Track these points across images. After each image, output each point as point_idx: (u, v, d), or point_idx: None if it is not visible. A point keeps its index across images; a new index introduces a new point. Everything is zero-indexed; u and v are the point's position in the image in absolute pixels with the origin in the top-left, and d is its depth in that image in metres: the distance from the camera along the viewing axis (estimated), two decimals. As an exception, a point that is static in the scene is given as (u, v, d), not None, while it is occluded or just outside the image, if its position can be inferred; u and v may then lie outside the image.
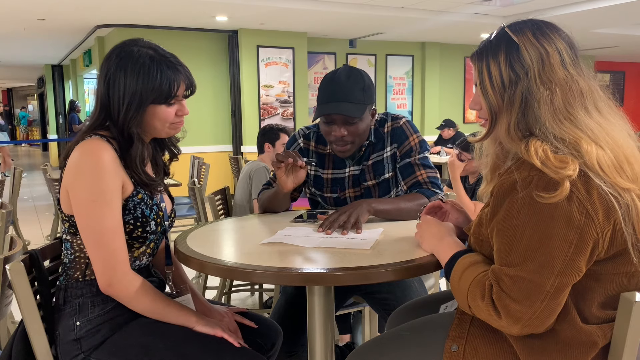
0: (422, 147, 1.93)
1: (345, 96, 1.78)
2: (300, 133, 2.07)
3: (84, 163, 1.31)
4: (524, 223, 1.04)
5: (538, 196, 1.02)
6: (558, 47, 1.13)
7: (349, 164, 1.97)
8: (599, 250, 1.04)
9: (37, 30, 7.74)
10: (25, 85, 21.32)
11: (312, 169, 2.03)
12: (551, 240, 1.02)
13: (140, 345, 1.33)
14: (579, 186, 1.02)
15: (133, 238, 1.39)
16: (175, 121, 1.42)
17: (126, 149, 1.37)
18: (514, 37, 1.15)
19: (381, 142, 1.95)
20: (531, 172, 1.05)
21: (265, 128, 3.70)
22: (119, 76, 1.35)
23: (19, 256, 1.39)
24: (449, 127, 7.31)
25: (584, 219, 1.01)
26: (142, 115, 1.37)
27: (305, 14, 6.77)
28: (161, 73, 1.36)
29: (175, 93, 1.39)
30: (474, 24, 7.69)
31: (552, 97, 1.10)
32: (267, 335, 1.57)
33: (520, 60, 1.12)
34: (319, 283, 1.36)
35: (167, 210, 1.53)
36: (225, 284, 3.05)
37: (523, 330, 1.05)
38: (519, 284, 1.03)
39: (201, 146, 7.82)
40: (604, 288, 1.09)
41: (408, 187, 1.90)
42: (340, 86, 1.80)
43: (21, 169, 4.79)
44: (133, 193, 1.38)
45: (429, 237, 1.34)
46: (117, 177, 1.33)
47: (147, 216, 1.41)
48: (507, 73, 1.13)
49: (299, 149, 2.04)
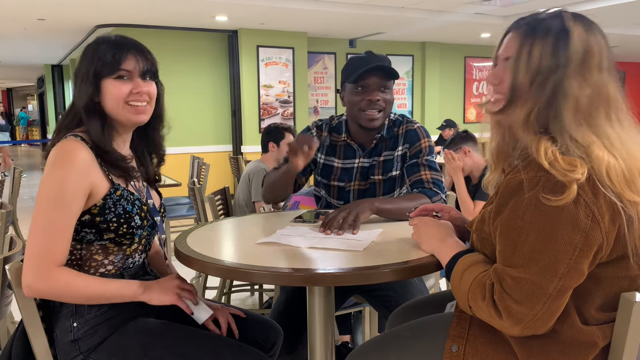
0: (431, 151, 2.02)
1: (381, 61, 1.95)
2: (313, 124, 2.14)
3: (55, 161, 1.31)
4: (529, 224, 1.03)
5: (544, 198, 1.01)
6: (600, 48, 1.10)
7: (359, 155, 2.04)
8: (602, 254, 1.03)
9: (37, 30, 7.73)
10: (25, 85, 21.32)
11: (322, 157, 2.08)
12: (556, 243, 1.01)
13: (139, 345, 1.33)
14: (587, 189, 1.01)
15: (120, 235, 1.38)
16: (131, 100, 1.38)
17: (92, 126, 1.36)
18: (568, 25, 1.10)
19: (394, 141, 2.04)
20: (538, 172, 1.04)
21: (270, 127, 3.59)
22: (82, 58, 1.40)
23: (19, 256, 1.39)
24: (450, 128, 7.30)
25: (590, 223, 1.00)
26: (97, 89, 1.37)
27: (305, 14, 6.77)
28: (107, 46, 1.38)
29: (120, 65, 1.36)
30: (474, 24, 7.69)
31: (581, 96, 1.07)
32: (267, 335, 1.57)
33: (565, 50, 1.08)
34: (319, 283, 1.36)
35: (156, 205, 1.52)
36: (225, 284, 3.04)
37: (524, 332, 1.04)
38: (521, 285, 1.02)
39: (201, 146, 7.82)
40: (604, 291, 1.09)
41: (411, 183, 1.96)
42: (372, 55, 1.98)
43: (21, 169, 4.79)
44: (111, 191, 1.37)
45: (429, 238, 1.33)
46: (84, 180, 1.31)
47: (130, 211, 1.39)
48: (548, 59, 1.09)
49: None
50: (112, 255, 1.40)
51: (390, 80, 1.96)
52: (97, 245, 1.37)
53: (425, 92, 9.69)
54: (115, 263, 1.41)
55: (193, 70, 7.77)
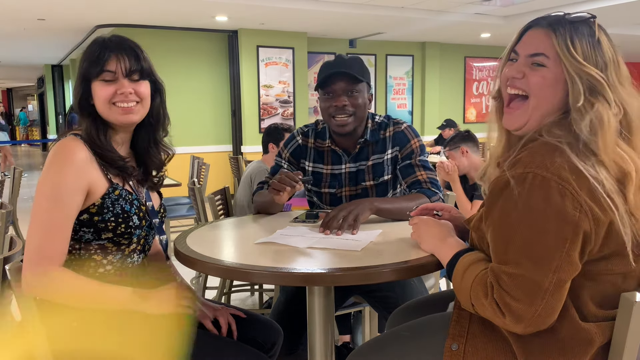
0: (422, 151, 2.00)
1: (346, 67, 1.91)
2: (298, 131, 2.11)
3: (53, 159, 1.32)
4: (518, 221, 1.04)
5: (532, 193, 1.02)
6: (622, 62, 1.12)
7: (345, 160, 2.01)
8: (591, 245, 1.04)
9: (37, 30, 7.73)
10: (25, 85, 21.31)
11: (310, 165, 2.06)
12: (546, 236, 1.01)
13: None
14: (571, 181, 1.02)
15: (118, 235, 1.38)
16: (116, 101, 1.37)
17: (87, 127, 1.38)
18: (597, 32, 1.10)
19: (382, 144, 2.00)
20: (526, 169, 1.05)
21: (270, 127, 3.56)
22: (78, 66, 1.43)
23: (18, 256, 1.39)
24: (450, 128, 7.30)
25: (578, 214, 1.01)
26: (87, 91, 1.38)
27: (305, 14, 6.77)
28: (94, 47, 1.40)
29: (103, 66, 1.36)
30: (474, 24, 7.69)
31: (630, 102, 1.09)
32: (267, 335, 1.57)
33: (602, 55, 1.09)
34: (319, 283, 1.36)
35: (155, 207, 1.52)
36: (225, 284, 3.04)
37: (527, 329, 1.04)
38: (517, 282, 1.03)
39: (201, 146, 7.82)
40: (598, 287, 1.09)
41: (408, 185, 1.94)
42: (340, 59, 1.95)
43: (21, 169, 4.79)
44: (109, 190, 1.37)
45: (430, 238, 1.34)
46: (82, 178, 1.31)
47: (128, 211, 1.39)
48: (594, 57, 1.09)
49: (297, 146, 2.08)
50: (111, 255, 1.40)
51: (359, 84, 1.90)
52: (95, 245, 1.37)
53: (425, 92, 9.69)
54: (114, 263, 1.41)
55: (193, 70, 7.77)
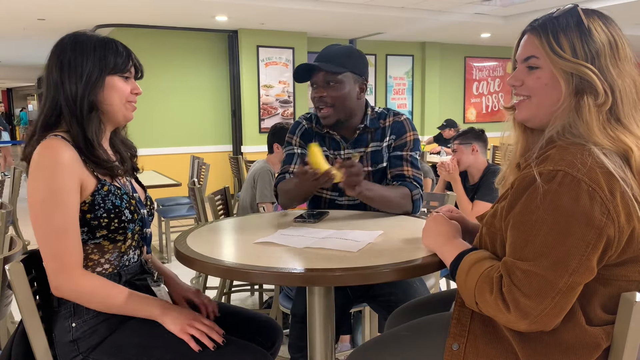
0: (415, 145, 2.04)
1: (326, 58, 1.93)
2: (302, 117, 2.16)
3: (40, 162, 1.30)
4: (542, 219, 1.02)
5: (559, 192, 1.00)
6: (622, 39, 1.10)
7: (343, 146, 2.05)
8: (612, 252, 1.02)
9: (37, 30, 7.73)
10: (25, 85, 21.31)
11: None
12: (569, 238, 0.99)
13: (139, 344, 1.33)
14: (603, 185, 1.00)
15: (112, 231, 1.38)
16: (131, 99, 1.45)
17: (83, 128, 1.36)
18: (584, 18, 1.10)
19: (382, 132, 2.04)
20: (556, 166, 1.03)
21: (275, 127, 3.53)
22: (76, 54, 1.38)
23: (18, 256, 1.39)
24: (451, 128, 7.30)
25: (605, 219, 0.99)
26: (101, 86, 1.38)
27: (305, 14, 6.77)
28: (116, 45, 1.42)
29: (128, 67, 1.43)
30: (474, 24, 7.68)
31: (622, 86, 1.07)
32: (267, 334, 1.57)
33: (593, 43, 1.08)
34: (319, 283, 1.36)
35: (142, 199, 1.53)
36: (225, 284, 3.05)
37: (530, 327, 1.03)
38: (530, 279, 1.01)
39: (201, 146, 7.81)
40: (611, 292, 1.08)
41: (392, 176, 1.99)
42: (326, 50, 1.98)
43: (21, 169, 4.79)
44: (98, 187, 1.37)
45: (436, 235, 1.32)
46: (74, 176, 1.32)
47: (119, 206, 1.40)
48: (581, 48, 1.08)
49: (304, 130, 2.12)
50: (108, 254, 1.41)
51: (339, 75, 1.92)
52: (91, 244, 1.38)
53: (425, 92, 9.69)
54: (112, 261, 1.42)
55: (193, 71, 7.76)
